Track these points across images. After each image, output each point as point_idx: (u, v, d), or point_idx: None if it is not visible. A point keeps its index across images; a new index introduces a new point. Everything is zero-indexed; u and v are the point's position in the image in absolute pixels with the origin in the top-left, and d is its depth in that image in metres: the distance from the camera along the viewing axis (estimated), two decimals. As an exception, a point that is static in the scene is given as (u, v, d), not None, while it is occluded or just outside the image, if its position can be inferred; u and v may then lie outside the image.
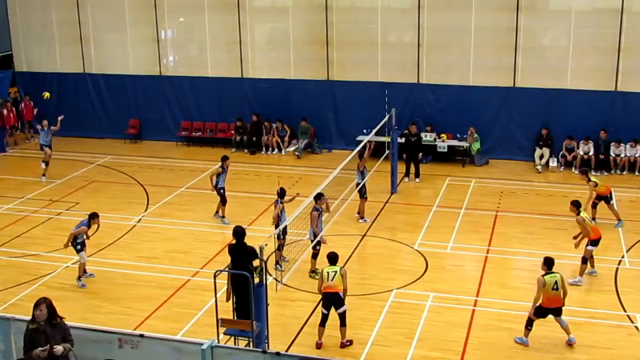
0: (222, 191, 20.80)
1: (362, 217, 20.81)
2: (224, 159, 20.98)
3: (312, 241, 17.15)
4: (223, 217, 20.90)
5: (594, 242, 17.03)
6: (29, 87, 31.30)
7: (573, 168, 25.35)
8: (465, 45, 26.55)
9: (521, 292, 16.58)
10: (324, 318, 14.41)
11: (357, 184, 20.57)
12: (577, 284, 16.67)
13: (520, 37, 25.86)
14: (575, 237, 17.44)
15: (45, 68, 31.05)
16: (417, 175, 24.46)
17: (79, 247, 17.09)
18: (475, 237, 19.79)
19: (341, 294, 14.30)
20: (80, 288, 17.06)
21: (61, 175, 25.38)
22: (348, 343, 14.53)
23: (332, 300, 14.26)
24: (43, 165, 24.96)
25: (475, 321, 15.45)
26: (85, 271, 17.43)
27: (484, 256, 18.57)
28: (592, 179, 20.24)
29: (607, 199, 20.26)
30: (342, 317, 14.34)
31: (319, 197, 17.14)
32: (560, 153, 25.66)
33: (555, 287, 14.09)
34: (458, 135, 26.72)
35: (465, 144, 26.35)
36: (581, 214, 17.10)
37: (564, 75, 25.86)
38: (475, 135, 26.22)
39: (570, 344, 14.34)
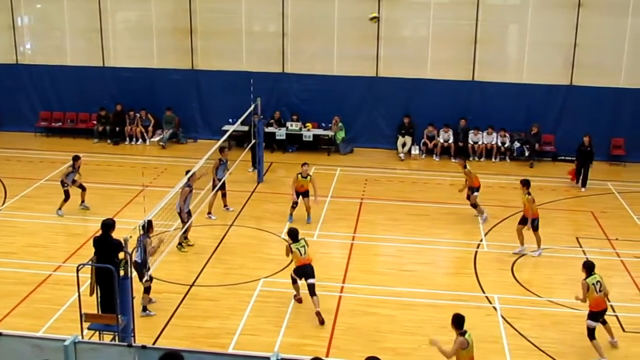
0: (65, 186, 20.37)
1: (209, 212, 20.46)
2: (75, 158, 20.65)
3: (179, 215, 17.69)
4: (60, 208, 20.44)
5: (477, 189, 20.19)
6: None
7: (434, 155, 26.22)
8: (329, 35, 26.92)
9: (386, 278, 17.01)
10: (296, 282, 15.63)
11: (220, 179, 20.40)
12: (486, 221, 20.17)
13: (382, 28, 26.41)
14: (460, 191, 20.67)
15: None
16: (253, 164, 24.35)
17: None
18: (341, 225, 20.11)
19: (312, 264, 15.44)
20: None
21: None
22: (320, 316, 14.99)
23: (306, 271, 15.29)
24: None
25: (342, 307, 15.69)
26: None
27: (350, 243, 18.90)
28: (468, 166, 20.70)
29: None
30: (312, 287, 15.14)
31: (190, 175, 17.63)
32: (422, 141, 26.42)
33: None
34: (323, 125, 27.05)
35: (330, 133, 26.70)
36: (467, 167, 20.40)
37: (424, 65, 26.69)
38: (340, 124, 26.64)
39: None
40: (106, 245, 13.18)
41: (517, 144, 26.00)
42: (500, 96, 26.14)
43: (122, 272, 12.66)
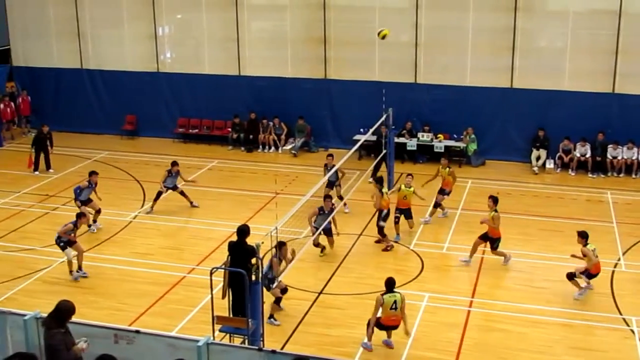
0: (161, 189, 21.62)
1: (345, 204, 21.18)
2: (173, 164, 21.86)
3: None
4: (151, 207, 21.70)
5: (448, 193, 21.16)
6: (26, 81, 31.26)
7: (570, 170, 25.35)
8: (463, 45, 26.55)
9: (516, 294, 16.63)
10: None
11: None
12: (427, 223, 20.73)
13: (518, 38, 25.87)
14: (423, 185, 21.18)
15: (42, 63, 30.99)
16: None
17: (62, 244, 17.19)
18: (471, 238, 19.62)
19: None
20: (74, 282, 17.16)
21: (58, 170, 25.35)
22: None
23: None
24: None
25: (470, 322, 15.45)
26: (80, 268, 17.47)
27: (480, 257, 18.54)
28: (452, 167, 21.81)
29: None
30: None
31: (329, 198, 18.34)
32: (557, 154, 25.65)
33: (394, 306, 13.90)
34: (455, 136, 26.72)
35: (461, 145, 26.35)
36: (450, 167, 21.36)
37: (561, 77, 25.89)
38: (472, 135, 26.22)
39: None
40: (241, 251, 13.45)
41: (659, 160, 24.90)
42: (641, 109, 25.09)
43: (253, 277, 12.91)
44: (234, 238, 14.07)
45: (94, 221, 20.32)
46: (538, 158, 25.77)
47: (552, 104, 25.81)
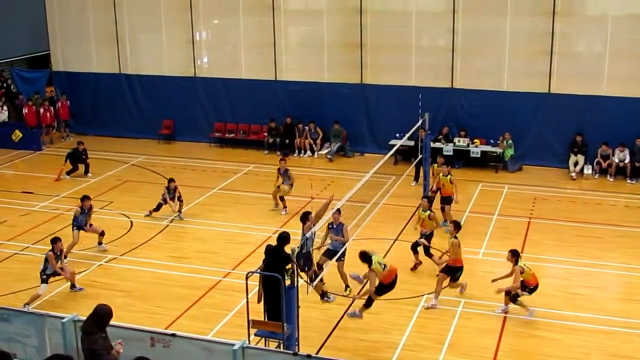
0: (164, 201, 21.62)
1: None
2: (170, 181, 21.73)
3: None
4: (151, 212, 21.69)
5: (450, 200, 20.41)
6: (65, 86, 31.73)
7: (608, 175, 25.04)
8: (500, 50, 26.36)
9: (552, 300, 16.47)
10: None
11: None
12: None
13: (556, 43, 25.63)
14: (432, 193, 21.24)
15: (81, 68, 31.38)
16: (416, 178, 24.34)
17: (44, 276, 16.39)
18: (507, 244, 19.49)
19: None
20: (77, 292, 17.02)
21: (95, 174, 25.64)
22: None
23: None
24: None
25: (507, 328, 15.35)
26: (74, 285, 17.06)
27: (516, 263, 18.40)
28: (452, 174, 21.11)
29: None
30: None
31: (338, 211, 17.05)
32: (595, 160, 25.37)
33: (383, 267, 14.90)
34: (491, 141, 26.54)
35: (498, 150, 26.17)
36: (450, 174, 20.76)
37: (600, 82, 25.59)
38: (509, 141, 26.00)
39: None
40: (278, 257, 13.48)
41: (699, 166, 24.53)
42: (682, 115, 24.72)
43: (288, 282, 12.95)
44: (270, 242, 14.12)
45: (99, 243, 19.33)
46: (576, 163, 25.51)
47: (590, 109, 25.54)
